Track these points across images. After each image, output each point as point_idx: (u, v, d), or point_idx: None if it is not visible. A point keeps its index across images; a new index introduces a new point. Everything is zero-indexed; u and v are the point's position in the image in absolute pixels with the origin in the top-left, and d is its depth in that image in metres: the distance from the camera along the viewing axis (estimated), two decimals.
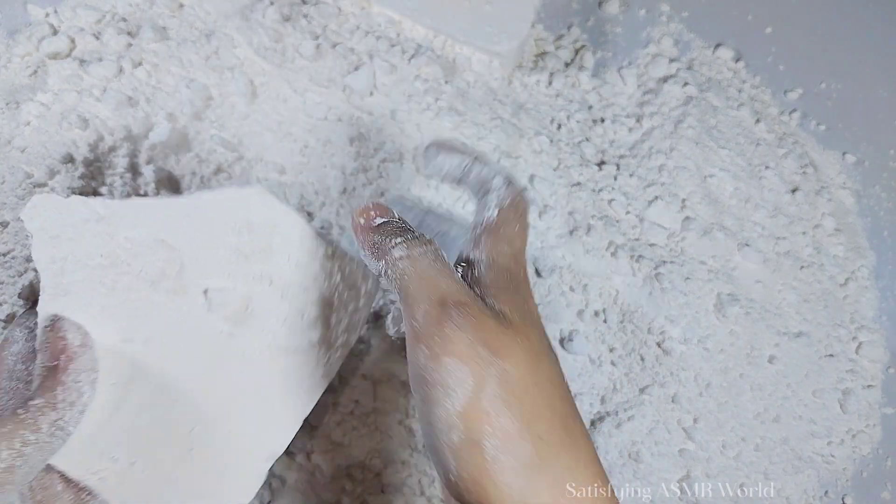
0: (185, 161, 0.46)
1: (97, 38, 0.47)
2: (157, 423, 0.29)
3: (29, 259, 0.41)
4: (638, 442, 0.46)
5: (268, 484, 0.42)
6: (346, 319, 0.34)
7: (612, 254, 0.49)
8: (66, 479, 0.28)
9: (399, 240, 0.27)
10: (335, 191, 0.47)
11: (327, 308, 0.33)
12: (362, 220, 0.29)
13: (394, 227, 0.28)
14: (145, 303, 0.29)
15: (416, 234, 0.28)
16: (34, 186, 0.42)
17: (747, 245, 0.51)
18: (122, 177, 0.43)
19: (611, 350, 0.47)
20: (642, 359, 0.48)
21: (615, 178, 0.51)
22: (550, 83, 0.54)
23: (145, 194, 0.44)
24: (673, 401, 0.47)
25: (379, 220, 0.28)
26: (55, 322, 0.28)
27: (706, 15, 0.59)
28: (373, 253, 0.28)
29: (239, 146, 0.47)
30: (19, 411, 0.25)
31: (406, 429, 0.44)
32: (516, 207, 0.31)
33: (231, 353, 0.30)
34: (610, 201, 0.50)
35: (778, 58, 0.59)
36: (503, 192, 0.31)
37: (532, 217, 0.49)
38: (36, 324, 0.28)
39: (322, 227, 0.46)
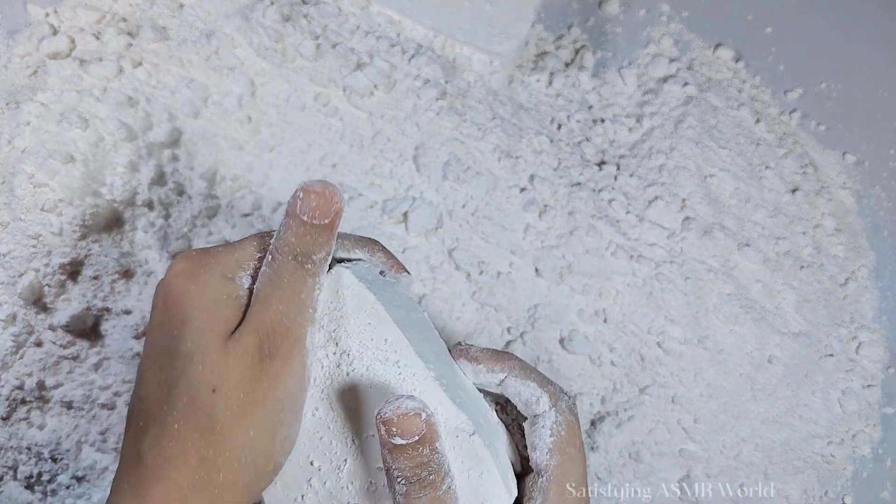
0: (185, 162, 0.46)
1: (97, 38, 0.47)
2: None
3: (29, 259, 0.41)
4: (638, 442, 0.46)
5: None
6: None
7: (612, 254, 0.49)
8: None
9: (404, 484, 0.25)
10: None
11: None
12: (383, 433, 0.25)
13: (411, 459, 0.25)
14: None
15: (425, 474, 0.25)
16: (34, 187, 0.42)
17: (747, 245, 0.51)
18: (122, 177, 0.43)
19: (611, 350, 0.47)
20: (642, 359, 0.48)
21: (615, 178, 0.51)
22: (550, 83, 0.54)
23: (148, 201, 0.44)
24: (673, 401, 0.47)
25: (398, 441, 0.25)
26: (326, 187, 0.28)
27: (706, 15, 0.59)
28: (385, 468, 0.26)
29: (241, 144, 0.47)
30: (308, 266, 0.28)
31: None
32: (573, 438, 0.28)
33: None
34: (610, 201, 0.50)
35: (778, 58, 0.59)
36: (554, 421, 0.28)
37: (532, 217, 0.49)
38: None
39: None
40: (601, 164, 0.52)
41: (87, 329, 0.42)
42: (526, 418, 0.30)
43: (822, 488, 0.48)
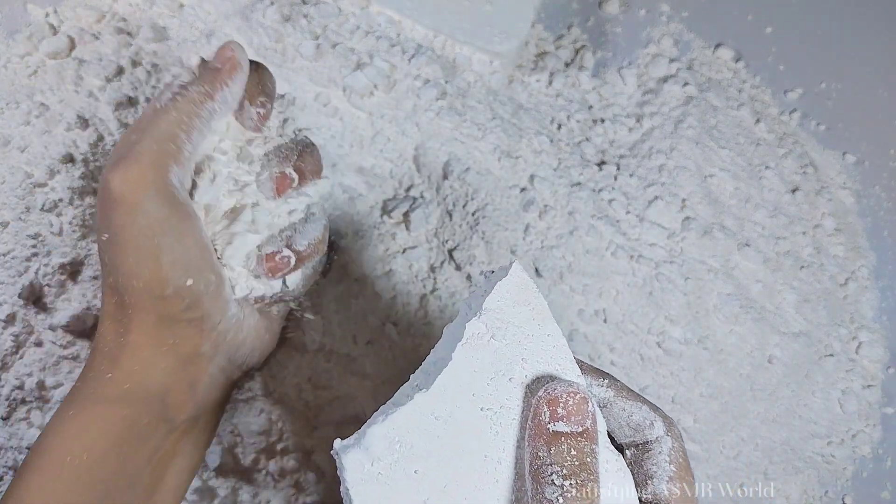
0: None
1: (97, 38, 0.47)
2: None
3: (29, 259, 0.41)
4: None
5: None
6: None
7: (612, 254, 0.49)
8: None
9: (558, 481, 0.22)
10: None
11: None
12: (546, 415, 0.23)
13: (569, 453, 0.22)
14: None
15: (584, 479, 0.22)
16: (34, 186, 0.42)
17: (747, 245, 0.51)
18: None
19: (611, 350, 0.47)
20: (642, 359, 0.48)
21: (615, 178, 0.51)
22: (550, 83, 0.54)
23: None
24: (673, 401, 0.47)
25: (561, 427, 0.23)
26: (228, 43, 0.33)
27: (706, 15, 0.59)
28: (532, 462, 0.23)
29: None
30: (180, 94, 0.32)
31: None
32: (689, 467, 0.26)
33: None
34: (610, 201, 0.50)
35: (778, 58, 0.60)
36: (672, 447, 0.25)
37: (532, 217, 0.49)
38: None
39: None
40: (601, 164, 0.52)
41: (87, 329, 0.42)
42: (619, 445, 0.27)
43: (822, 488, 0.48)
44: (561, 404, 0.23)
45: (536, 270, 0.48)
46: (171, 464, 0.34)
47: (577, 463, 0.22)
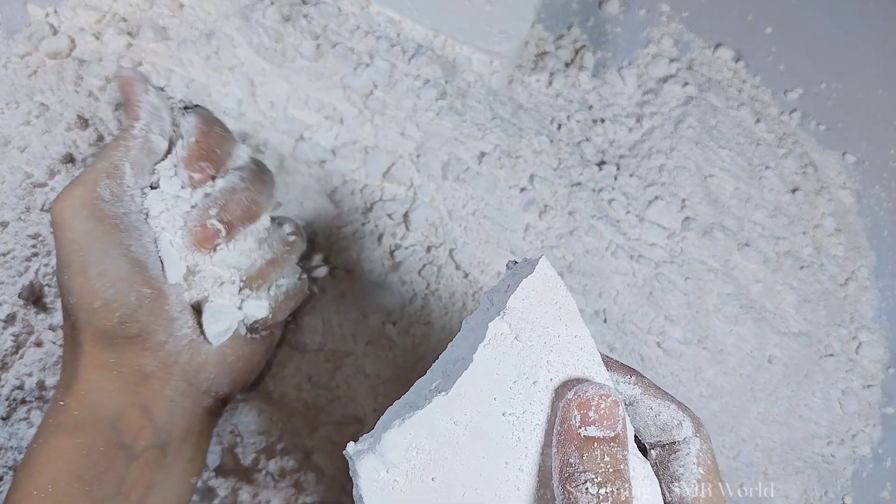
0: None
1: (97, 38, 0.47)
2: None
3: (29, 259, 0.41)
4: None
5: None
6: None
7: (612, 254, 0.49)
8: None
9: (593, 489, 0.21)
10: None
11: None
12: (576, 419, 0.22)
13: (602, 459, 0.22)
14: None
15: (619, 487, 0.21)
16: (34, 186, 0.42)
17: (747, 245, 0.51)
18: None
19: (611, 350, 0.47)
20: (642, 359, 0.48)
21: (615, 178, 0.51)
22: (550, 83, 0.54)
23: None
24: None
25: (593, 431, 0.22)
26: (129, 73, 0.36)
27: (706, 15, 0.59)
28: (562, 469, 0.22)
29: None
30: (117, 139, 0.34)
31: None
32: (717, 470, 0.25)
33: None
34: (610, 201, 0.50)
35: (778, 58, 0.60)
36: (700, 449, 0.24)
37: (532, 217, 0.49)
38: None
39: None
40: (601, 164, 0.52)
41: None
42: (644, 445, 0.26)
43: (822, 488, 0.48)
44: (592, 407, 0.22)
45: None
46: (146, 498, 0.33)
47: (611, 470, 0.21)
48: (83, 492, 0.30)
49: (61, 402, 0.31)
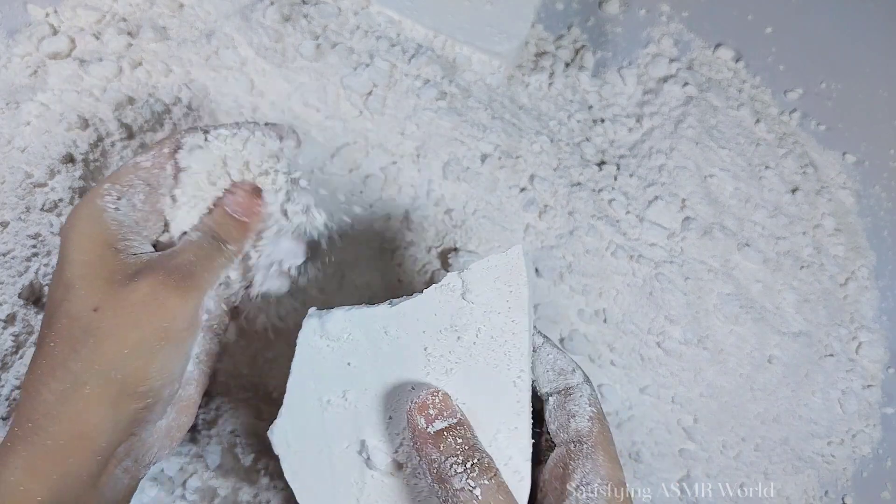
0: None
1: (97, 38, 0.47)
2: None
3: (29, 259, 0.41)
4: (638, 442, 0.46)
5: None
6: None
7: (612, 254, 0.49)
8: None
9: (460, 468, 0.24)
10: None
11: None
12: (422, 421, 0.25)
13: (456, 442, 0.25)
14: None
15: (480, 457, 0.25)
16: (34, 186, 0.42)
17: (747, 245, 0.51)
18: None
19: (611, 350, 0.47)
20: (642, 359, 0.48)
21: (615, 178, 0.51)
22: (550, 83, 0.54)
23: None
24: (673, 401, 0.47)
25: (439, 424, 0.25)
26: (253, 187, 0.33)
27: (706, 15, 0.59)
28: (430, 470, 0.25)
29: None
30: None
31: None
32: (604, 413, 0.28)
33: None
34: (610, 201, 0.50)
35: (778, 58, 0.60)
36: (591, 393, 0.28)
37: (532, 217, 0.49)
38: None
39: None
40: (601, 164, 0.52)
41: None
42: (541, 400, 0.30)
43: (822, 488, 0.48)
44: (430, 405, 0.25)
45: (536, 270, 0.48)
46: None
47: (467, 447, 0.25)
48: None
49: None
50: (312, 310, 0.31)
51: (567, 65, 0.56)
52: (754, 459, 0.47)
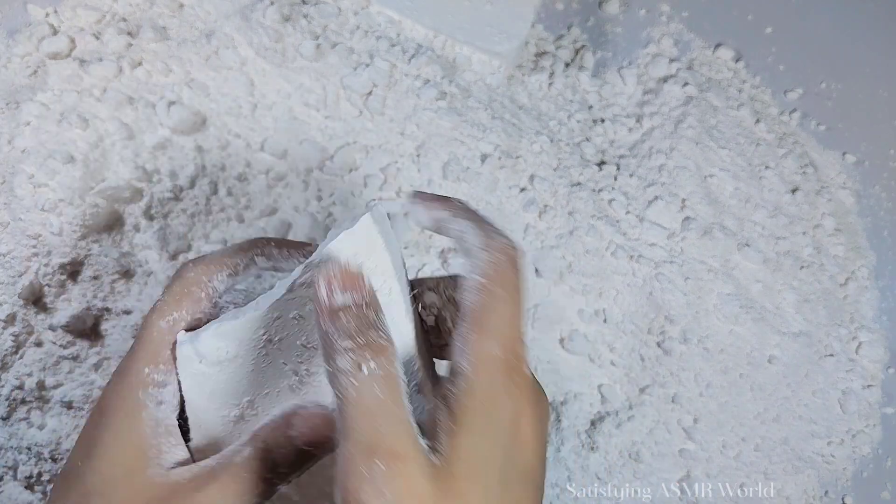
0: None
1: (97, 38, 0.47)
2: None
3: (29, 259, 0.41)
4: (638, 442, 0.46)
5: None
6: None
7: (612, 254, 0.49)
8: None
9: (347, 344, 0.21)
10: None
11: None
12: (324, 293, 0.22)
13: (354, 317, 0.22)
14: None
15: (375, 337, 0.21)
16: (34, 187, 0.42)
17: (747, 245, 0.51)
18: (121, 177, 0.43)
19: (611, 350, 0.47)
20: (642, 359, 0.48)
21: (615, 178, 0.51)
22: (550, 83, 0.54)
23: (148, 201, 0.44)
24: (673, 401, 0.47)
25: (340, 298, 0.22)
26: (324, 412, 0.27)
27: (706, 15, 0.59)
28: (322, 344, 0.22)
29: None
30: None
31: None
32: (502, 279, 0.23)
33: None
34: (610, 201, 0.50)
35: (778, 58, 0.60)
36: (485, 261, 0.24)
37: (532, 217, 0.49)
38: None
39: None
40: (601, 164, 0.52)
41: (87, 329, 0.42)
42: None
43: (822, 488, 0.48)
44: (335, 278, 0.22)
45: (536, 270, 0.48)
46: None
47: (364, 324, 0.22)
48: None
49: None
50: (181, 335, 0.28)
51: (567, 65, 0.56)
52: (754, 459, 0.47)
